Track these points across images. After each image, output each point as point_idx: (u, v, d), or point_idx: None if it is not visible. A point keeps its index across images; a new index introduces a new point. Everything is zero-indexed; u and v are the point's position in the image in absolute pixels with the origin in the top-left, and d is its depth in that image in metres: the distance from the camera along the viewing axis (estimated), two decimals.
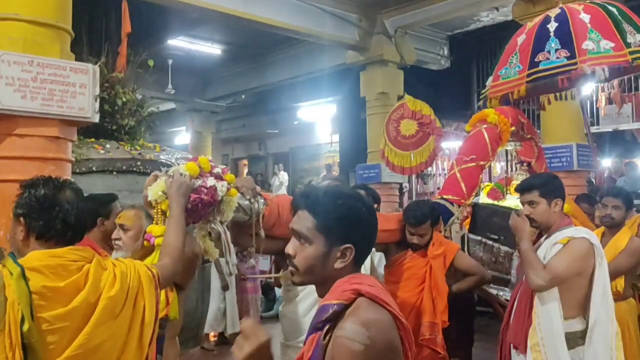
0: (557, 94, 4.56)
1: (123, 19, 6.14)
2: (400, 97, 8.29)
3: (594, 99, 10.34)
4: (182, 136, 18.63)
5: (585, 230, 3.03)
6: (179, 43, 11.84)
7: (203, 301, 5.53)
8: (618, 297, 3.61)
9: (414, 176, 9.71)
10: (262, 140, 19.53)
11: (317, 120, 16.96)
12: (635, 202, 6.50)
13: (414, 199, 10.31)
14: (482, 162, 4.07)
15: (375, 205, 3.92)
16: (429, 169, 8.35)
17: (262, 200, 2.85)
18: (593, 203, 4.63)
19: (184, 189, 2.38)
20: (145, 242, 2.45)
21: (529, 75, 3.99)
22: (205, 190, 2.45)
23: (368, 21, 10.12)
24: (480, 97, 4.61)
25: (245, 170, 20.01)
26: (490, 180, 8.33)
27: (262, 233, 2.82)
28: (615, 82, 4.73)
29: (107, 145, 5.67)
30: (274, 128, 18.11)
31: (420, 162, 6.16)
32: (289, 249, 1.58)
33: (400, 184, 10.67)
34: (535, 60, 3.97)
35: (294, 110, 16.65)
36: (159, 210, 2.41)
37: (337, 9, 9.54)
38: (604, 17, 3.90)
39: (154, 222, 2.44)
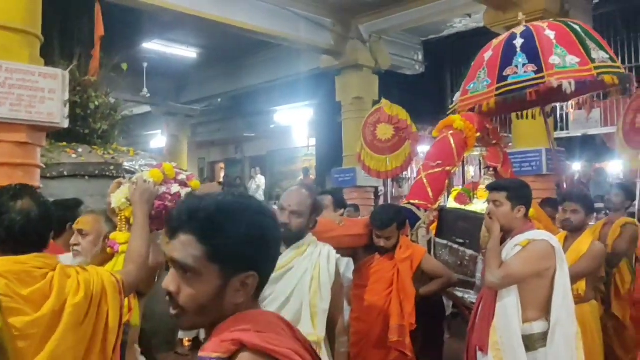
0: (527, 112, 4.68)
1: (96, 22, 6.09)
2: (375, 102, 8.35)
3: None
4: (158, 139, 18.51)
5: (546, 234, 3.11)
6: (153, 46, 11.80)
7: None
8: (580, 299, 3.69)
9: (389, 180, 9.77)
10: (239, 144, 19.47)
11: (294, 124, 16.97)
12: (601, 205, 6.68)
13: (389, 202, 10.38)
14: (448, 168, 4.16)
15: (342, 211, 3.95)
16: (405, 172, 8.41)
17: None
18: (557, 207, 4.74)
19: (147, 195, 2.38)
20: (108, 250, 2.46)
21: (497, 88, 4.08)
22: (170, 197, 2.45)
23: (342, 26, 10.16)
24: (448, 112, 4.71)
25: (222, 174, 19.93)
26: (464, 184, 8.45)
27: None
28: None
29: (80, 150, 5.61)
30: (251, 131, 18.07)
31: (395, 166, 6.22)
32: (169, 284, 1.21)
33: (376, 188, 10.71)
34: (504, 74, 4.06)
35: (271, 113, 16.65)
36: (123, 217, 2.42)
37: (311, 13, 9.55)
38: (568, 33, 4.02)
39: (117, 229, 2.45)
